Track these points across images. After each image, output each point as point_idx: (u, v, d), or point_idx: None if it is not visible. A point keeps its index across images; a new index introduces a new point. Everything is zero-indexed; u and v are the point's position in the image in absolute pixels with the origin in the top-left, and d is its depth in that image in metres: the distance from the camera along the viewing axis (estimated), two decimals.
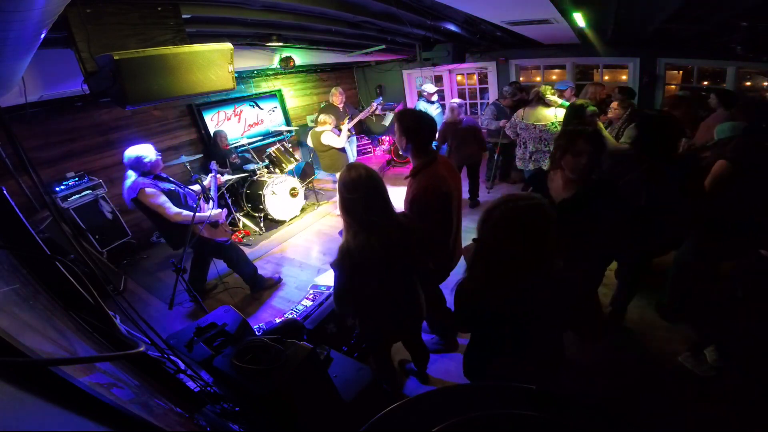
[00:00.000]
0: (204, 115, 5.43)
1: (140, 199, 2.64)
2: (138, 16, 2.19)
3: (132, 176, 2.67)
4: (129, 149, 2.66)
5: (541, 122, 3.55)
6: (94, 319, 1.12)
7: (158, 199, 2.67)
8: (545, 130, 3.54)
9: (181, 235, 2.72)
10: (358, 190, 1.46)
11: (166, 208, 2.69)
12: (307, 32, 4.16)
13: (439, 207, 1.86)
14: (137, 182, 2.64)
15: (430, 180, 1.84)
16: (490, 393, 0.92)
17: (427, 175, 1.85)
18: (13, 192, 1.57)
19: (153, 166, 2.71)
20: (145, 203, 2.66)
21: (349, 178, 1.47)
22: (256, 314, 3.19)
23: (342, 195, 1.50)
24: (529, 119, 3.63)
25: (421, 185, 1.84)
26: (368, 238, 1.47)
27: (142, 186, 2.63)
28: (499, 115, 4.80)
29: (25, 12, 1.10)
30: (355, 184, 1.46)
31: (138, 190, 2.62)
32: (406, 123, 1.86)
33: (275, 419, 1.42)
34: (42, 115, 3.81)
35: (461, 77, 7.10)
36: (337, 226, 4.68)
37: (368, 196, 1.47)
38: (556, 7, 2.93)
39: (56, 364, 0.62)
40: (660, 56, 4.78)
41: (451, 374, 2.36)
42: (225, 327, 1.74)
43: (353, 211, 1.49)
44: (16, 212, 1.09)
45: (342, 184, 1.49)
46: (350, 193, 1.47)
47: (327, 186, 6.16)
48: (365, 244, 1.46)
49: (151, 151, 2.69)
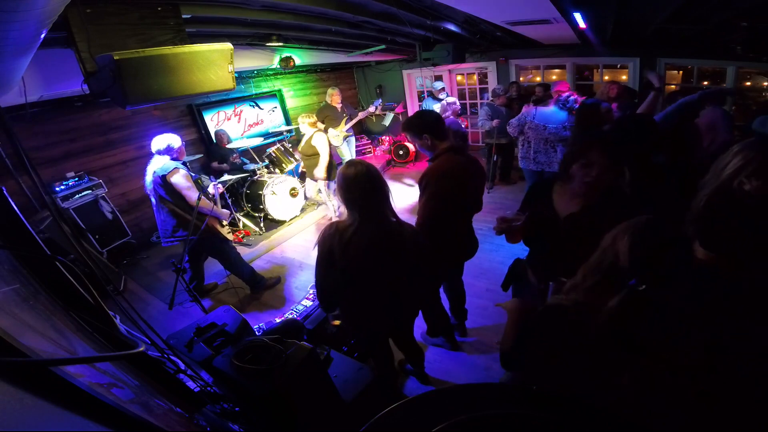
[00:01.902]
0: (204, 115, 5.43)
1: (171, 178, 2.78)
2: (138, 16, 2.19)
3: (165, 158, 2.86)
4: (157, 137, 2.87)
5: (552, 124, 3.46)
6: (94, 319, 1.12)
7: (189, 181, 2.86)
8: (554, 132, 3.45)
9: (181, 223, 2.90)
10: (356, 189, 1.46)
11: (193, 192, 2.85)
12: (307, 32, 4.16)
13: (454, 185, 1.92)
14: (171, 163, 2.84)
15: (449, 160, 1.93)
16: (490, 393, 0.92)
17: (446, 158, 1.95)
18: (13, 192, 1.57)
19: (180, 153, 2.93)
20: (176, 183, 2.80)
21: (347, 174, 1.47)
22: (256, 314, 3.19)
23: (341, 191, 1.50)
24: (539, 119, 3.54)
25: (439, 163, 1.95)
26: (363, 233, 1.47)
27: (177, 167, 2.81)
28: (493, 115, 4.80)
29: (25, 12, 1.10)
30: (351, 182, 1.46)
31: (173, 169, 2.79)
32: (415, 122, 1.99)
33: (275, 419, 1.42)
34: (42, 115, 3.81)
35: (461, 77, 7.10)
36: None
37: (367, 192, 1.47)
38: (556, 7, 2.93)
39: (56, 364, 0.62)
40: (660, 56, 4.78)
41: (451, 374, 2.36)
42: (225, 327, 1.74)
43: (353, 207, 1.50)
44: (16, 212, 1.09)
45: (341, 180, 1.49)
46: (347, 191, 1.47)
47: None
48: (362, 237, 1.47)
49: (177, 139, 2.92)
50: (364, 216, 1.48)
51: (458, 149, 1.98)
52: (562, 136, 3.40)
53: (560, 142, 3.43)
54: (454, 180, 1.93)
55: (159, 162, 2.86)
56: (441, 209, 1.95)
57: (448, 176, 1.92)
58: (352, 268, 1.52)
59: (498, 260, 3.41)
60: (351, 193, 1.47)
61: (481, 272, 3.24)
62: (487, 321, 2.69)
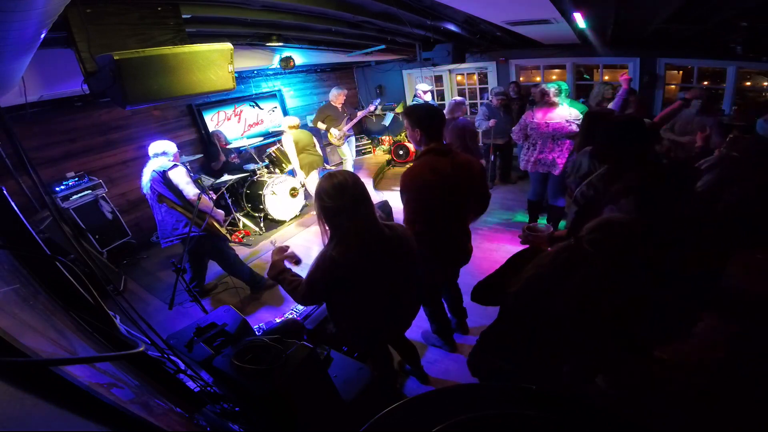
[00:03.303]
0: (204, 115, 5.43)
1: (171, 174, 2.84)
2: (138, 16, 2.18)
3: (163, 159, 2.94)
4: (154, 143, 2.96)
5: (554, 120, 3.40)
6: (94, 319, 1.12)
7: (188, 177, 2.93)
8: (558, 129, 3.39)
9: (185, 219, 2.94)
10: (343, 197, 1.39)
11: (192, 188, 2.90)
12: (307, 32, 4.15)
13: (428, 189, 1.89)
14: (170, 161, 2.93)
15: (427, 162, 1.90)
16: (490, 393, 0.92)
17: (425, 160, 1.92)
18: (13, 192, 1.56)
19: (175, 159, 3.03)
20: (175, 180, 2.86)
21: (332, 184, 1.40)
22: (256, 314, 3.19)
23: (323, 203, 1.41)
24: (538, 118, 3.49)
25: (414, 166, 1.94)
26: (351, 246, 1.42)
27: (177, 164, 2.90)
28: (490, 116, 4.81)
29: (25, 12, 1.10)
30: (337, 191, 1.39)
31: (172, 166, 2.87)
32: (416, 115, 1.95)
33: (275, 419, 1.42)
34: (42, 115, 3.81)
35: (461, 77, 7.10)
36: None
37: (352, 201, 1.40)
38: (556, 7, 2.93)
39: (56, 364, 0.62)
40: (660, 56, 4.78)
41: (451, 374, 2.36)
42: (225, 327, 1.74)
43: (335, 220, 1.43)
44: (16, 212, 1.09)
45: (323, 191, 1.40)
46: (333, 201, 1.39)
47: None
48: (348, 252, 1.41)
49: (173, 146, 3.04)
50: (356, 224, 1.42)
51: (443, 150, 1.91)
52: (567, 131, 3.34)
53: (566, 138, 3.37)
54: (432, 183, 1.86)
55: (157, 162, 2.92)
56: (419, 213, 1.92)
57: (425, 180, 1.86)
58: (352, 277, 1.48)
59: (499, 260, 3.38)
60: (340, 201, 1.39)
61: (481, 272, 3.22)
62: (488, 321, 2.66)
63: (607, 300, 1.09)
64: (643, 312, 1.16)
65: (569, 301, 1.13)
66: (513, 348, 1.34)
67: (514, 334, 1.32)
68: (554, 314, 1.16)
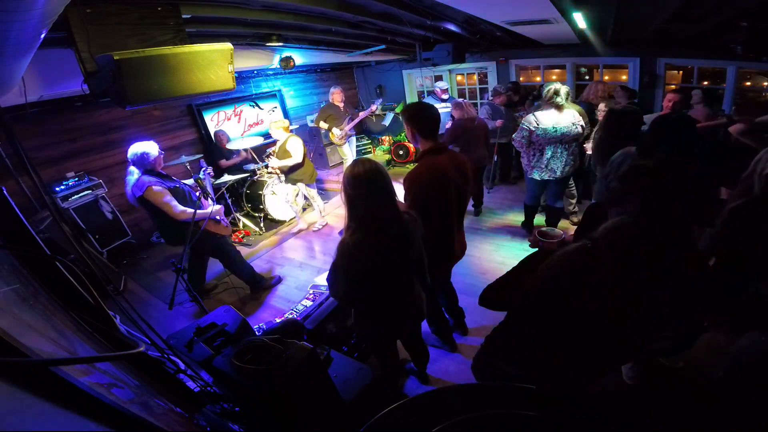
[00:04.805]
0: (204, 115, 5.44)
1: (147, 197, 2.67)
2: (138, 16, 2.19)
3: (135, 173, 2.70)
4: (133, 145, 2.70)
5: (561, 125, 3.17)
6: (94, 319, 1.12)
7: (165, 197, 2.71)
8: (567, 132, 3.18)
9: (180, 232, 2.76)
10: (363, 185, 1.44)
11: (173, 206, 2.72)
12: (307, 32, 4.16)
13: (435, 190, 1.90)
14: (142, 180, 2.66)
15: (431, 163, 1.90)
16: (490, 393, 0.92)
17: (428, 160, 1.92)
18: (13, 192, 1.57)
19: (156, 163, 2.76)
20: (153, 201, 2.68)
21: (356, 172, 1.45)
22: (256, 314, 3.19)
23: (346, 190, 1.48)
24: (545, 123, 3.20)
25: (419, 167, 1.93)
26: (367, 235, 1.46)
27: (149, 184, 2.65)
28: (494, 115, 4.78)
29: (25, 12, 1.10)
30: (361, 178, 1.44)
31: (145, 188, 2.65)
32: (409, 112, 1.97)
33: (275, 419, 1.42)
34: (42, 115, 3.81)
35: (461, 77, 7.10)
36: (337, 226, 4.68)
37: (373, 190, 1.45)
38: (556, 7, 2.93)
39: (56, 364, 0.62)
40: (660, 56, 4.78)
41: (451, 374, 2.36)
42: (225, 327, 1.74)
43: (356, 207, 1.48)
44: (16, 212, 1.09)
45: (347, 179, 1.47)
46: (354, 189, 1.45)
47: (329, 186, 6.17)
48: (364, 241, 1.45)
49: (154, 147, 2.74)
50: (370, 214, 1.46)
51: (441, 149, 1.95)
52: (575, 133, 3.19)
53: (574, 141, 3.25)
54: (436, 185, 1.90)
55: (133, 174, 2.72)
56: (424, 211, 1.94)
57: (429, 182, 1.90)
58: (362, 269, 1.51)
59: (498, 260, 3.41)
60: (359, 189, 1.44)
61: (481, 272, 3.24)
62: (487, 321, 2.69)
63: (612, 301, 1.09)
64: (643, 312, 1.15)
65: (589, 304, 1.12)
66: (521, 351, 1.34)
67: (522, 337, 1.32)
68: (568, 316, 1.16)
